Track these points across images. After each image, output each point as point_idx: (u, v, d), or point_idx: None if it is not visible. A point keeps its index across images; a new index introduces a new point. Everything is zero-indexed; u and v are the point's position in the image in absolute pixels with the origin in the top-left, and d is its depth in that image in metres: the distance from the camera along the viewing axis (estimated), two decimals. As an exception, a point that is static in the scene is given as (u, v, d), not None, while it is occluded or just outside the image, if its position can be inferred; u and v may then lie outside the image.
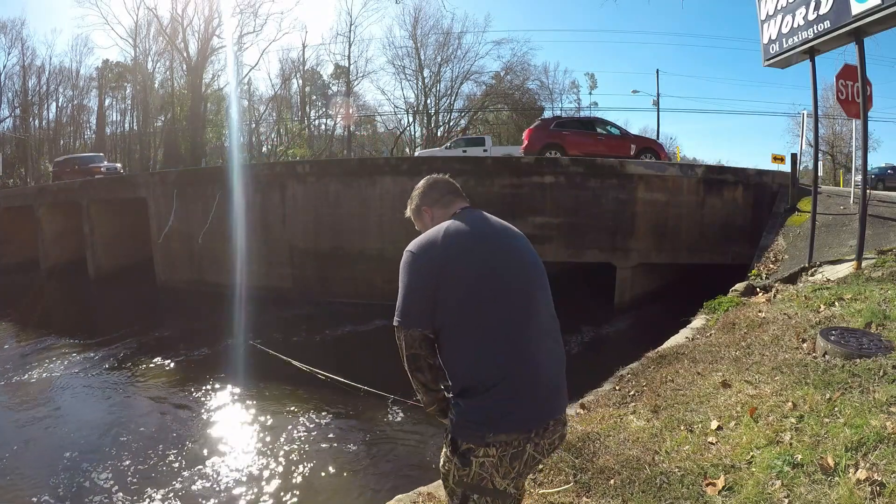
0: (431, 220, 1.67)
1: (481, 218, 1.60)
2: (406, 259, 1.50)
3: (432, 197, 1.70)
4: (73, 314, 12.76)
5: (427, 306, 1.44)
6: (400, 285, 1.48)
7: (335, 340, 9.92)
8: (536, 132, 13.40)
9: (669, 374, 3.58)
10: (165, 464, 5.44)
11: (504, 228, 1.60)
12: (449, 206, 1.67)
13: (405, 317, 1.45)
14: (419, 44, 34.86)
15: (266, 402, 7.03)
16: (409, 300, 1.46)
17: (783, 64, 6.03)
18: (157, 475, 5.24)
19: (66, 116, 38.09)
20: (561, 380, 1.53)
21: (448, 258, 1.45)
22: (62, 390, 7.76)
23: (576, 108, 40.47)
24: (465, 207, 1.65)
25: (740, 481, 2.22)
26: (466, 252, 1.47)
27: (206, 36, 33.96)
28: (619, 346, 8.83)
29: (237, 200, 12.65)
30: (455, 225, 1.53)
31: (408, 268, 1.48)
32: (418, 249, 1.49)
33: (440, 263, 1.44)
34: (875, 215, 7.36)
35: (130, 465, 5.41)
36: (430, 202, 1.70)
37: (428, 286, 1.44)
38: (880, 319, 3.46)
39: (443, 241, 1.48)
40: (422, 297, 1.45)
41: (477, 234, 1.53)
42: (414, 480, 4.57)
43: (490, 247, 1.52)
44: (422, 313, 1.44)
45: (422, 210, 1.72)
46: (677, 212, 10.89)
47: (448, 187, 1.71)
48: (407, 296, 1.46)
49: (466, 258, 1.46)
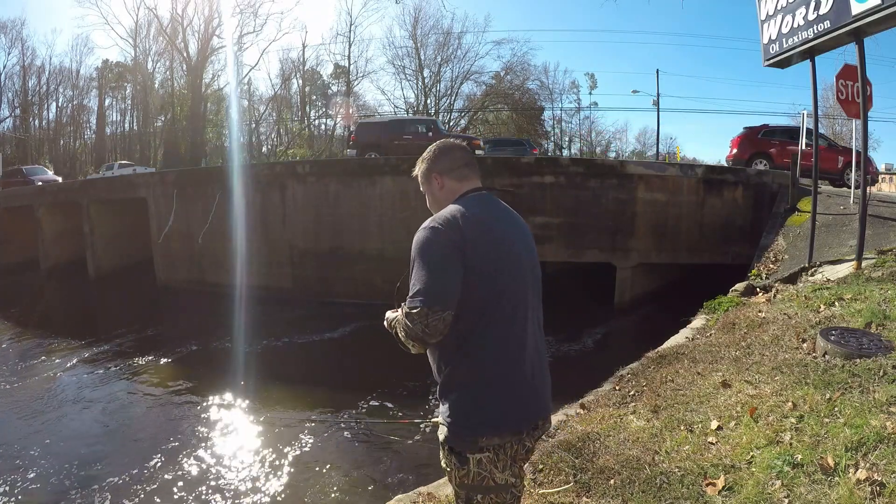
0: (441, 190, 1.55)
1: (498, 206, 1.52)
2: (428, 235, 1.36)
3: (446, 164, 1.55)
4: (73, 314, 12.76)
5: (457, 283, 1.32)
6: (421, 264, 1.34)
7: (335, 340, 9.92)
8: (744, 141, 12.56)
9: (669, 374, 3.58)
10: (165, 464, 5.44)
11: (515, 220, 1.54)
12: (463, 180, 1.54)
13: (437, 296, 1.30)
14: (419, 44, 34.98)
15: (266, 402, 7.03)
16: (441, 277, 1.31)
17: (783, 64, 6.03)
18: (156, 475, 5.23)
19: (66, 116, 38.14)
20: (548, 379, 1.54)
21: (468, 241, 1.35)
22: (62, 390, 7.75)
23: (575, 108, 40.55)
24: (481, 191, 1.54)
25: (740, 481, 2.22)
26: (485, 240, 1.39)
27: (206, 36, 34.02)
28: (619, 346, 8.83)
29: (237, 200, 12.65)
30: (473, 208, 1.44)
31: (431, 244, 1.35)
32: (443, 224, 1.37)
33: (462, 244, 1.34)
34: (875, 215, 7.36)
35: (130, 465, 5.41)
36: (442, 169, 1.55)
37: (458, 261, 1.32)
38: (880, 319, 3.46)
39: (463, 223, 1.37)
40: (453, 273, 1.32)
41: (495, 223, 1.45)
42: (414, 480, 4.59)
43: (506, 239, 1.45)
44: (453, 292, 1.32)
45: (432, 175, 1.57)
46: (677, 212, 10.90)
47: (465, 158, 1.57)
48: (436, 272, 1.32)
49: (485, 246, 1.38)
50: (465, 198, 1.50)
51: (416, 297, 1.32)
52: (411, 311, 1.33)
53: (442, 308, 1.30)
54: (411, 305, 1.33)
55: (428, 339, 1.34)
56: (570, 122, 41.36)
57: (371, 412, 6.67)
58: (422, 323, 1.31)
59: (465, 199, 1.49)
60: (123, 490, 4.99)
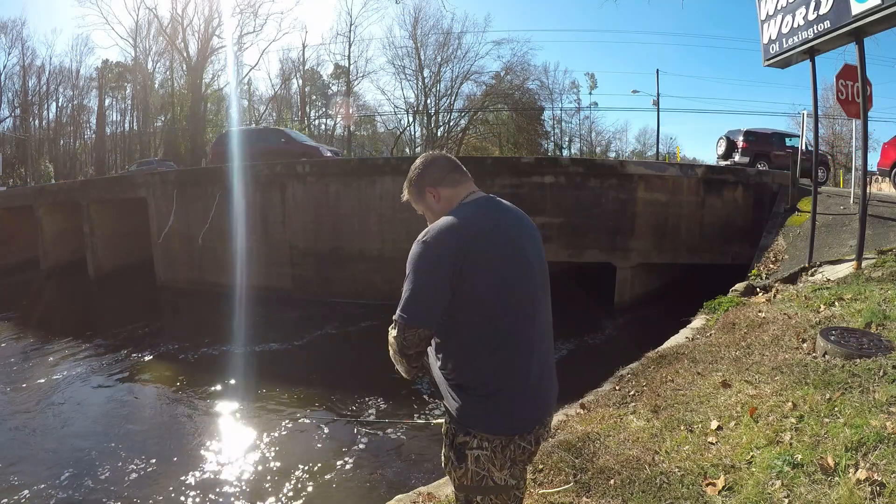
0: (438, 202, 1.51)
1: (501, 208, 1.49)
2: (418, 250, 1.36)
3: (434, 176, 1.52)
4: (73, 314, 12.74)
5: (440, 301, 1.33)
6: (409, 278, 1.35)
7: (335, 340, 9.92)
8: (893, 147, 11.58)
9: (669, 374, 3.58)
10: (165, 464, 5.44)
11: (521, 219, 1.51)
12: (456, 185, 1.52)
13: (413, 313, 1.33)
14: (419, 44, 34.91)
15: (265, 403, 7.03)
16: (421, 294, 1.34)
17: (783, 64, 6.04)
18: (156, 475, 5.23)
19: (66, 116, 38.16)
20: (555, 381, 1.53)
21: (470, 248, 1.33)
22: (62, 390, 7.74)
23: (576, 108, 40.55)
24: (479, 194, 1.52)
25: (740, 481, 2.22)
26: (488, 247, 1.37)
27: (206, 36, 34.01)
28: (619, 346, 8.83)
29: (237, 200, 12.65)
30: (474, 213, 1.42)
31: (420, 259, 1.35)
32: (433, 238, 1.36)
33: (460, 252, 1.32)
34: (875, 215, 7.36)
35: (130, 465, 5.41)
36: (433, 181, 1.52)
37: (444, 277, 1.32)
38: (880, 319, 3.47)
39: (460, 234, 1.35)
40: (436, 291, 1.33)
41: (499, 227, 1.43)
42: (414, 480, 4.59)
43: (512, 242, 1.43)
44: (432, 309, 1.33)
45: (425, 191, 1.53)
46: (677, 212, 10.90)
47: (450, 164, 1.55)
48: (418, 289, 1.34)
49: (488, 253, 1.36)
50: (462, 205, 1.47)
51: (398, 309, 1.35)
52: (394, 322, 1.37)
53: (418, 325, 1.33)
54: (394, 316, 1.37)
55: (405, 350, 1.37)
56: (570, 122, 41.38)
57: (371, 412, 6.67)
58: (400, 336, 1.36)
59: (463, 206, 1.47)
60: (123, 490, 4.98)
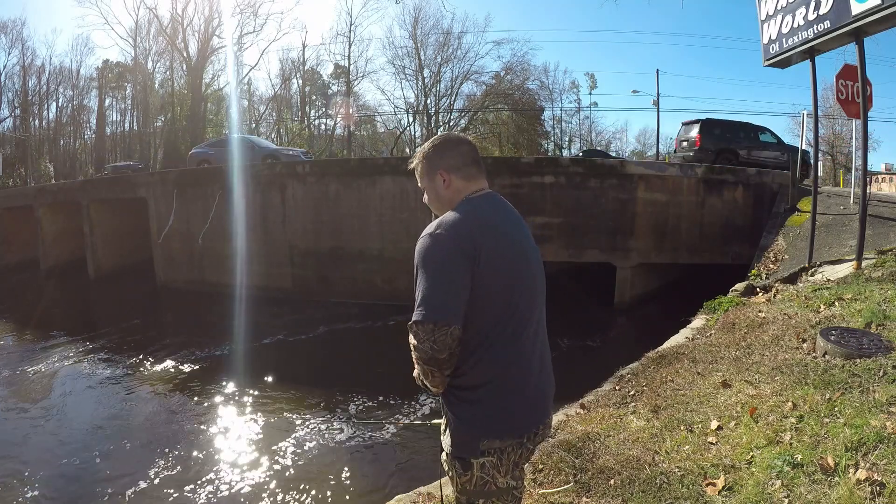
0: (446, 189, 1.44)
1: (506, 208, 1.46)
2: (430, 243, 1.27)
3: (453, 162, 1.44)
4: (73, 314, 12.74)
5: (463, 296, 1.25)
6: (425, 274, 1.26)
7: (336, 340, 9.92)
8: None
9: (669, 374, 3.58)
10: (165, 463, 5.44)
11: (520, 221, 1.50)
12: (470, 180, 1.44)
13: (440, 311, 1.22)
14: (419, 44, 34.84)
15: (265, 403, 7.03)
16: (445, 289, 1.23)
17: (783, 64, 6.04)
18: (155, 475, 5.23)
19: (66, 116, 38.08)
20: (552, 381, 1.53)
21: (482, 249, 1.28)
22: (62, 390, 7.75)
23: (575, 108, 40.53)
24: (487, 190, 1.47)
25: (740, 481, 2.22)
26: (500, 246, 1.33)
27: (206, 36, 33.93)
28: (619, 346, 8.83)
29: (237, 200, 12.66)
30: (483, 209, 1.38)
31: (436, 252, 1.26)
32: (447, 230, 1.28)
33: (475, 247, 1.26)
34: (875, 215, 7.36)
35: (129, 465, 5.41)
36: (450, 166, 1.44)
37: (465, 270, 1.25)
38: (880, 319, 3.46)
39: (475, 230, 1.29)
40: (458, 285, 1.24)
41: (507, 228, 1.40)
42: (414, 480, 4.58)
43: (517, 243, 1.41)
44: (459, 305, 1.24)
45: (437, 172, 1.45)
46: (677, 212, 10.90)
47: (473, 156, 1.46)
48: (439, 284, 1.23)
49: (500, 252, 1.32)
50: (472, 200, 1.41)
51: (419, 309, 1.24)
52: (415, 324, 1.25)
53: (447, 322, 1.23)
54: (414, 318, 1.24)
55: (437, 354, 1.26)
56: (570, 122, 41.32)
57: (371, 412, 6.68)
58: (429, 340, 1.24)
59: (473, 201, 1.41)
60: (123, 489, 4.98)
